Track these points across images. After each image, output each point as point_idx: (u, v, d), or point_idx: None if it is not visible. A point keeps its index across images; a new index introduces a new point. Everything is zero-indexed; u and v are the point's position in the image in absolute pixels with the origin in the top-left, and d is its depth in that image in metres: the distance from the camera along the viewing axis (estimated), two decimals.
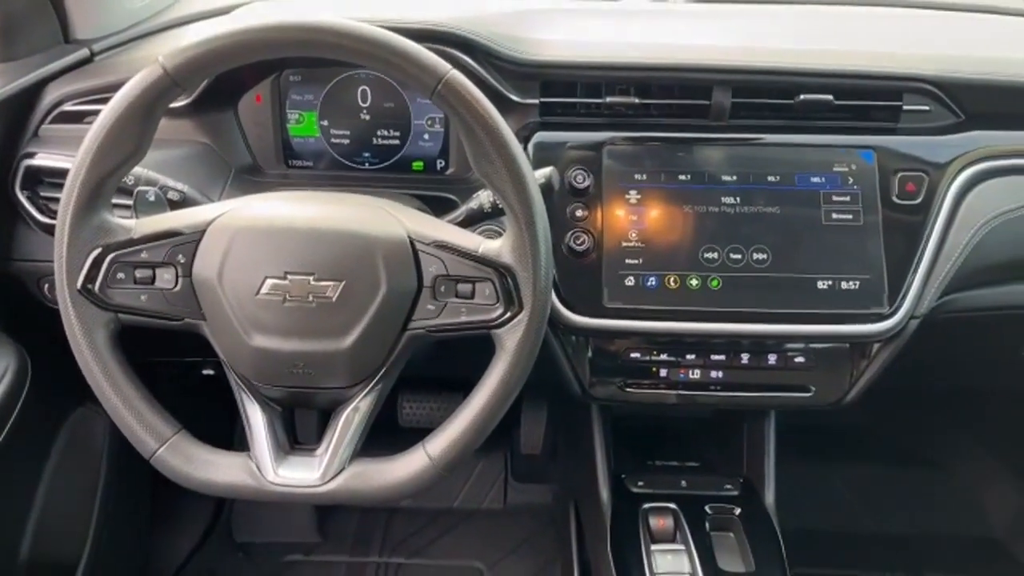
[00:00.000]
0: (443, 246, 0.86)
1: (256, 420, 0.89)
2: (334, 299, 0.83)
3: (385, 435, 1.00)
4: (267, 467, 0.87)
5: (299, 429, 0.96)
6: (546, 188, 0.96)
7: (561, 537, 1.62)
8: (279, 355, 0.85)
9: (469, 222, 0.99)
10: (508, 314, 0.85)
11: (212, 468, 0.87)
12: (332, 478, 0.87)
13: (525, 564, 1.78)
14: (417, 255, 0.86)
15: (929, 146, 1.11)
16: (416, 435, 0.90)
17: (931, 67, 1.12)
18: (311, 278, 0.83)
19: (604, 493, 1.20)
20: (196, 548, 1.79)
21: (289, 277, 0.83)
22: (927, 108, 1.12)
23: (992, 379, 1.47)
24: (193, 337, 0.88)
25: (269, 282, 0.83)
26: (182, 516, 1.79)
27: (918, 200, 1.08)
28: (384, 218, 0.87)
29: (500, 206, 0.88)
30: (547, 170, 0.97)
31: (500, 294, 0.85)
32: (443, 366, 1.13)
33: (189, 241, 0.85)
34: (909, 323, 1.07)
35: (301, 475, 0.87)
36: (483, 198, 0.98)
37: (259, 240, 0.84)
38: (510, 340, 0.85)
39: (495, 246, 0.86)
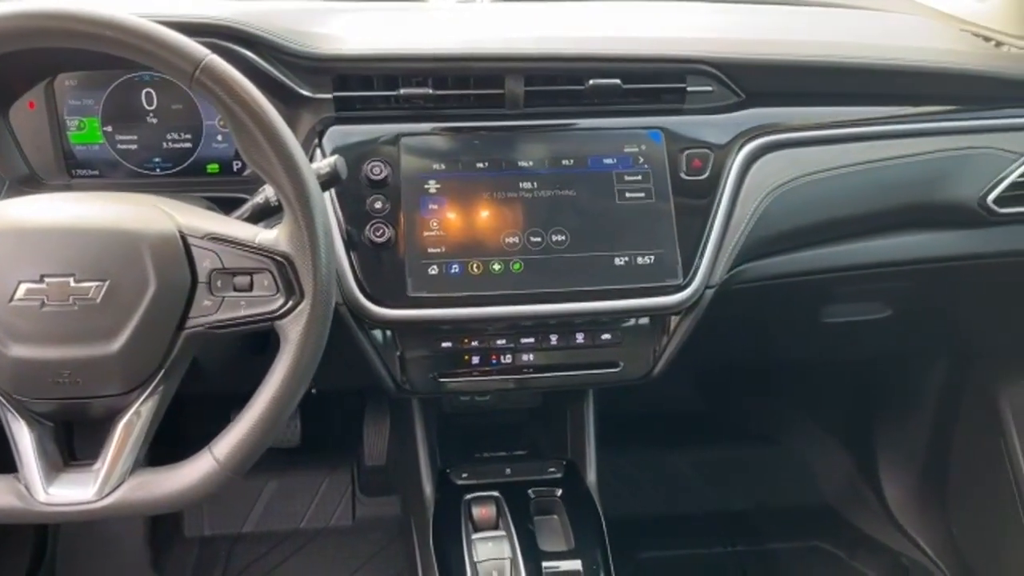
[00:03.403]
0: (217, 239, 0.83)
1: (22, 438, 0.82)
2: (98, 300, 0.79)
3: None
4: (36, 487, 0.81)
5: (85, 444, 0.90)
6: (332, 176, 0.94)
7: (408, 547, 1.60)
8: (41, 364, 0.79)
9: (257, 219, 0.96)
10: (290, 303, 0.83)
11: None
12: (110, 492, 0.81)
13: None
14: (189, 249, 0.83)
15: (713, 124, 1.16)
16: None
17: (711, 50, 1.17)
18: (71, 279, 0.78)
19: (427, 488, 1.19)
20: None
21: (46, 280, 0.78)
22: (710, 89, 1.17)
23: (803, 348, 1.55)
24: None
25: (24, 287, 0.78)
26: None
27: (705, 176, 1.13)
28: (151, 213, 0.83)
29: None
30: (332, 158, 0.95)
31: (280, 284, 0.83)
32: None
33: None
34: (705, 293, 1.11)
35: (75, 492, 0.81)
36: (269, 192, 0.95)
37: (9, 243, 0.78)
38: (294, 331, 0.83)
39: (272, 236, 0.84)
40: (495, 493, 1.16)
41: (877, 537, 1.85)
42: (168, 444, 0.96)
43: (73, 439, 0.87)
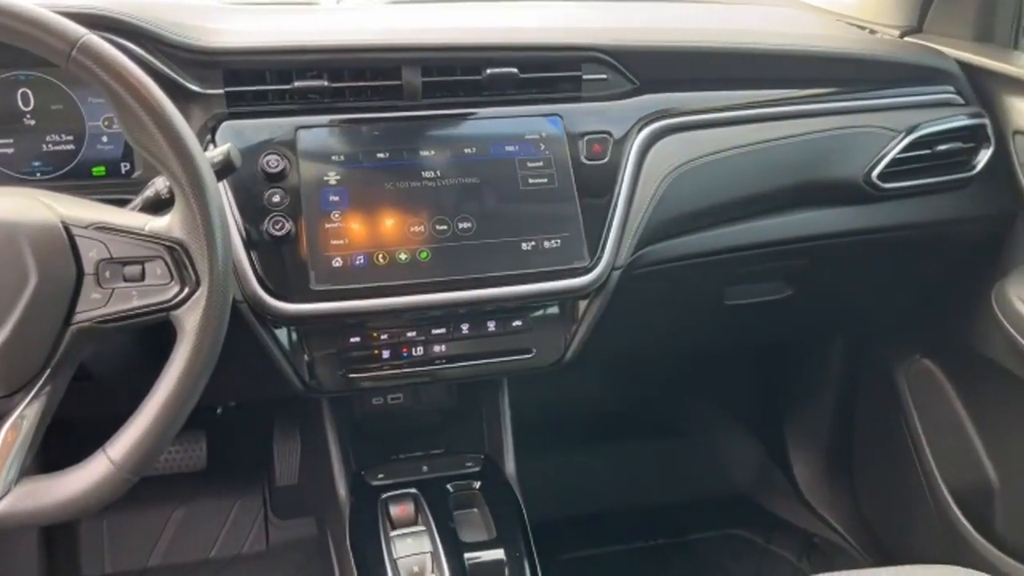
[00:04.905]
0: (104, 228, 0.79)
1: None
2: None
3: None
4: None
5: None
6: (226, 164, 0.91)
7: (326, 564, 1.54)
8: None
9: (148, 212, 0.91)
10: (185, 291, 0.79)
11: None
12: None
13: None
14: (73, 240, 0.78)
15: (610, 111, 1.18)
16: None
17: (605, 38, 1.20)
18: None
19: (342, 490, 1.15)
20: None
21: None
22: (604, 77, 1.19)
23: (709, 333, 1.58)
24: None
25: None
26: None
27: (605, 160, 1.14)
28: (31, 204, 0.78)
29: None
30: (224, 147, 0.92)
31: (174, 271, 0.79)
32: None
33: None
34: (611, 275, 1.12)
35: None
36: (159, 184, 0.91)
37: None
38: (190, 320, 0.79)
39: (164, 222, 0.80)
40: (412, 490, 1.13)
41: (790, 519, 1.89)
42: (66, 448, 0.90)
43: None
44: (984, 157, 1.32)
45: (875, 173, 1.27)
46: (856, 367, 1.78)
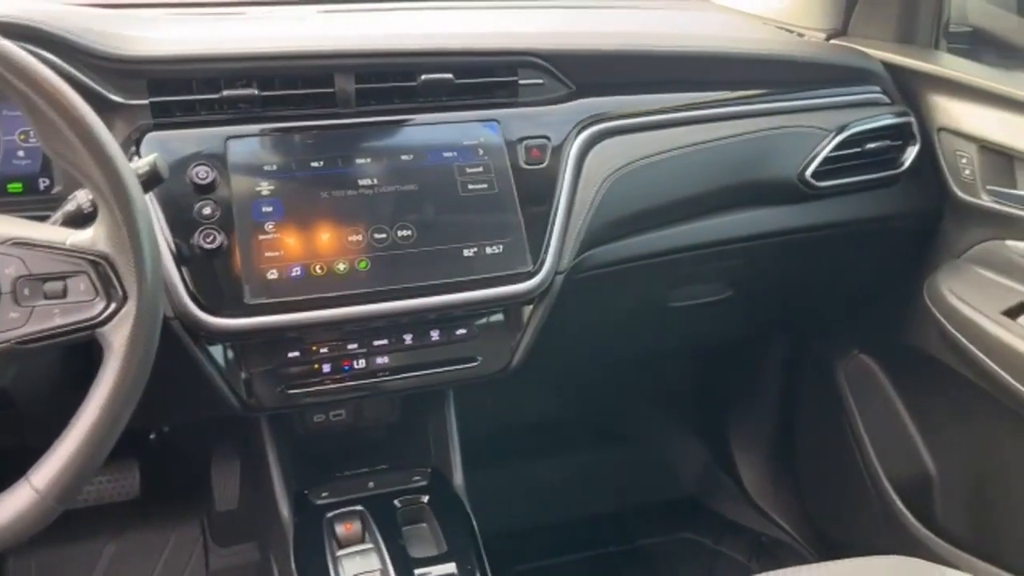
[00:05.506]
0: (21, 243, 0.75)
1: None
2: None
3: None
4: None
5: None
6: (152, 174, 0.87)
7: None
8: None
9: (69, 227, 0.87)
10: (112, 307, 0.75)
11: None
12: None
13: None
14: None
15: (547, 115, 1.17)
16: None
17: (541, 43, 1.19)
18: None
19: (284, 511, 1.11)
20: None
21: None
22: (540, 81, 1.19)
23: (653, 337, 1.59)
24: None
25: None
26: None
27: (544, 164, 1.14)
28: None
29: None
30: (151, 156, 0.88)
31: (99, 287, 0.75)
32: None
33: None
34: (555, 280, 1.11)
35: None
36: (81, 197, 0.87)
37: None
38: (118, 337, 0.75)
39: (87, 235, 0.76)
40: (358, 507, 1.10)
41: (739, 520, 1.90)
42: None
43: None
44: (911, 154, 1.35)
45: (809, 172, 1.29)
46: (797, 365, 1.80)
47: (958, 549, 1.43)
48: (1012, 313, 1.23)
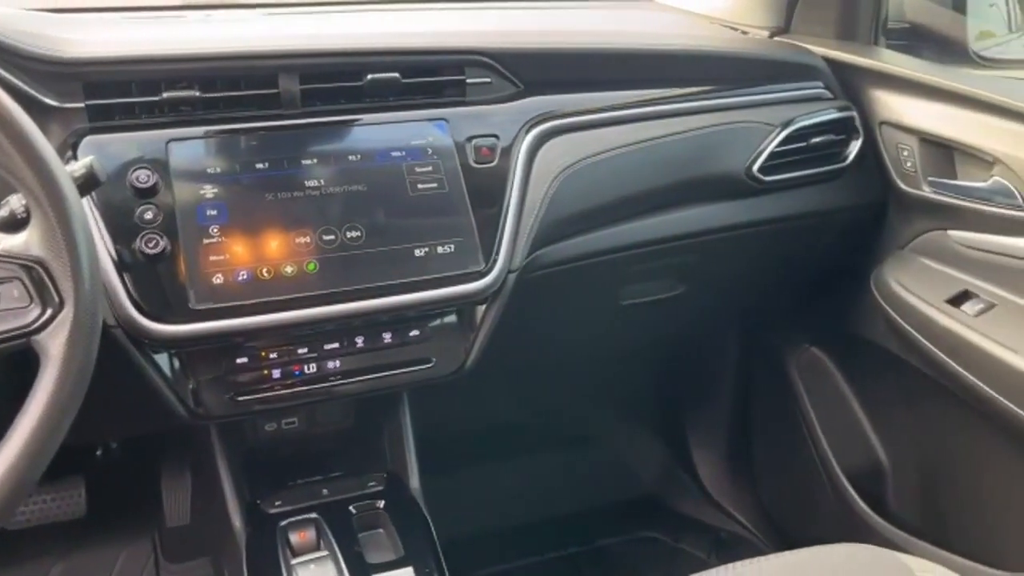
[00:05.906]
0: None
1: None
2: None
3: None
4: None
5: None
6: (89, 177, 0.84)
7: None
8: None
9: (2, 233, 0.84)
10: (48, 313, 0.72)
11: None
12: None
13: None
14: None
15: (496, 114, 1.16)
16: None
17: (488, 42, 1.19)
18: None
19: (237, 522, 1.08)
20: None
21: None
22: (488, 80, 1.18)
23: (606, 335, 1.59)
24: None
25: None
26: None
27: (494, 163, 1.13)
28: None
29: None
30: (87, 159, 0.85)
31: (33, 293, 0.72)
32: None
33: None
34: (508, 278, 1.10)
35: None
36: (14, 202, 0.83)
37: None
38: (55, 344, 0.72)
39: (19, 240, 0.74)
40: (313, 515, 1.08)
41: (698, 517, 1.91)
42: None
43: None
44: (855, 148, 1.37)
45: (756, 166, 1.30)
46: (750, 360, 1.82)
47: (912, 536, 1.45)
48: (955, 301, 1.25)
